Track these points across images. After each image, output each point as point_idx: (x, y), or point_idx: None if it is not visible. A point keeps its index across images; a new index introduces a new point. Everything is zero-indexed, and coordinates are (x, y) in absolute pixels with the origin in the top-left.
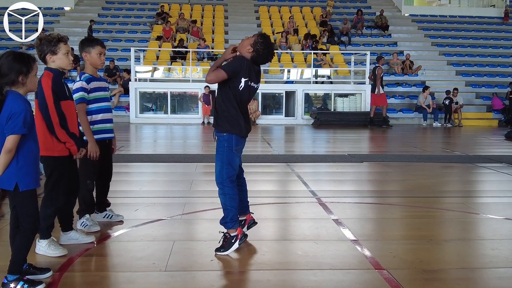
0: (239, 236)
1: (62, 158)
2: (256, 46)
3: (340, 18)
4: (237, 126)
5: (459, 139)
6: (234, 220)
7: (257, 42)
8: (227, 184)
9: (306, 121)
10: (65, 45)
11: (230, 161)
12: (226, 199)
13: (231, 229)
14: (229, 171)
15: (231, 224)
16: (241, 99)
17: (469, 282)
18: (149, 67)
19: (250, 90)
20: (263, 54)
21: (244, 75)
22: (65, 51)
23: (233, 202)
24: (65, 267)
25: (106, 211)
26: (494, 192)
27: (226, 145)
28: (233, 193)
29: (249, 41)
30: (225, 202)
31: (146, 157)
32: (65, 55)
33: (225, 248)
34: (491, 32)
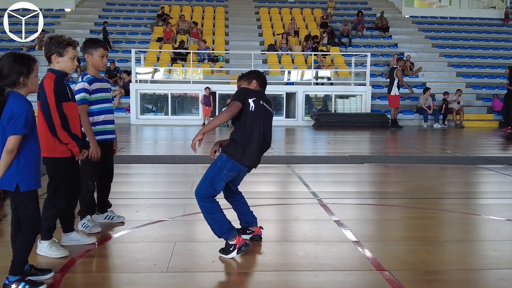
0: (237, 246)
1: (64, 159)
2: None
3: (340, 20)
4: (238, 152)
5: (460, 141)
6: (225, 232)
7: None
8: (201, 199)
9: (306, 123)
10: (74, 49)
11: (213, 182)
12: (205, 215)
13: (228, 239)
14: (208, 191)
15: (225, 236)
16: (255, 119)
17: (471, 283)
18: (150, 68)
19: (265, 112)
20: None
21: (250, 97)
22: (72, 55)
23: (212, 216)
24: (66, 268)
25: (107, 212)
26: (495, 194)
27: (219, 164)
28: (210, 208)
29: (243, 83)
30: (205, 218)
31: (146, 158)
32: (71, 59)
33: (224, 252)
34: (491, 34)
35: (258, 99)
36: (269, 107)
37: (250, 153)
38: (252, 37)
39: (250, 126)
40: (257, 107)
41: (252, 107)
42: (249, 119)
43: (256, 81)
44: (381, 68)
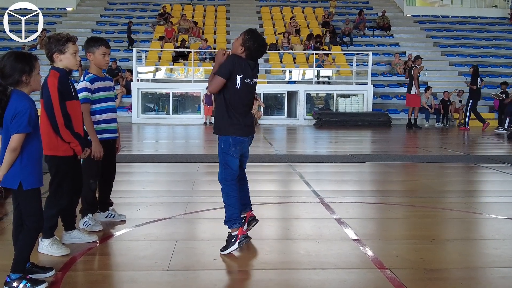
0: (239, 236)
1: (66, 158)
2: (246, 44)
3: (342, 19)
4: (232, 128)
5: (461, 139)
6: (233, 219)
7: (245, 40)
8: (224, 183)
9: (308, 122)
10: (73, 45)
11: (227, 163)
12: (224, 197)
13: (232, 228)
14: (227, 173)
15: (230, 224)
16: (240, 99)
17: (472, 282)
18: (151, 67)
19: (249, 88)
20: (255, 49)
21: (238, 72)
22: (73, 51)
23: (230, 199)
24: (67, 266)
25: (109, 210)
26: (497, 192)
27: (223, 146)
28: (231, 191)
29: (238, 42)
30: (224, 200)
31: (148, 157)
32: (73, 55)
33: (226, 248)
34: (493, 33)
35: (245, 76)
36: (253, 81)
37: (239, 126)
38: None
39: (233, 103)
40: (243, 85)
41: (238, 84)
42: (233, 97)
43: (245, 51)
44: (383, 67)
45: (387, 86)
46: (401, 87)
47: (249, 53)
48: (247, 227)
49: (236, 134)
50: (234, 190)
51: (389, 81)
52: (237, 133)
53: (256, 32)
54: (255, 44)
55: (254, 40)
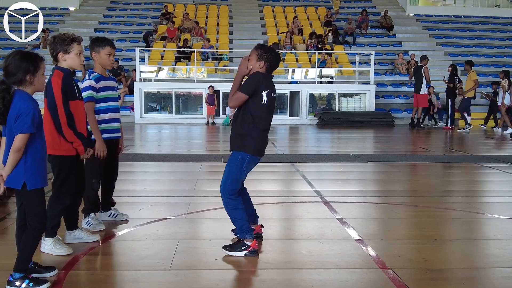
0: (251, 249)
1: (69, 157)
2: (263, 57)
3: (344, 18)
4: (255, 147)
5: (464, 139)
6: (244, 230)
7: (260, 54)
8: (229, 197)
9: (310, 121)
10: (78, 45)
11: (237, 178)
12: (230, 211)
13: (246, 239)
14: (232, 187)
15: (242, 234)
16: (268, 114)
17: (474, 282)
18: (154, 67)
19: (273, 102)
20: (274, 58)
21: (264, 88)
22: (77, 51)
23: (237, 213)
24: (70, 266)
25: (111, 210)
26: (500, 192)
27: (239, 160)
28: (236, 204)
29: (253, 58)
30: (230, 214)
31: (150, 157)
32: (77, 55)
33: (232, 249)
34: (496, 32)
35: (270, 91)
36: (275, 94)
37: (262, 144)
38: (256, 36)
39: (261, 119)
40: (269, 100)
41: (265, 100)
42: (261, 112)
43: (265, 64)
44: (385, 67)
45: (389, 86)
46: (404, 86)
47: (270, 64)
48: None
49: (256, 153)
50: (240, 203)
51: (392, 80)
52: (257, 153)
53: (265, 45)
54: (272, 53)
55: (269, 52)
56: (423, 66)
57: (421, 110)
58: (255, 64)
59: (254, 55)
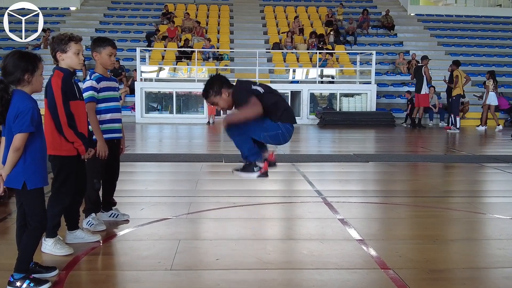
0: (262, 170)
1: (69, 157)
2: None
3: (346, 18)
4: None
5: (465, 139)
6: (254, 153)
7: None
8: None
9: (311, 121)
10: (76, 44)
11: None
12: (235, 137)
13: (256, 161)
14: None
15: (253, 157)
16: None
17: (475, 282)
18: (155, 67)
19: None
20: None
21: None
22: (75, 50)
23: (242, 137)
24: (71, 266)
25: (112, 210)
26: (501, 192)
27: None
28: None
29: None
30: (235, 140)
31: (151, 157)
32: (75, 54)
33: (245, 170)
34: (497, 32)
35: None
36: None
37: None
38: (257, 36)
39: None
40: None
41: (261, 90)
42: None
43: (225, 90)
44: (387, 67)
45: (390, 86)
46: (405, 86)
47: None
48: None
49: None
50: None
51: (393, 80)
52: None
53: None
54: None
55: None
56: (423, 66)
57: (422, 110)
58: (223, 99)
59: (216, 98)
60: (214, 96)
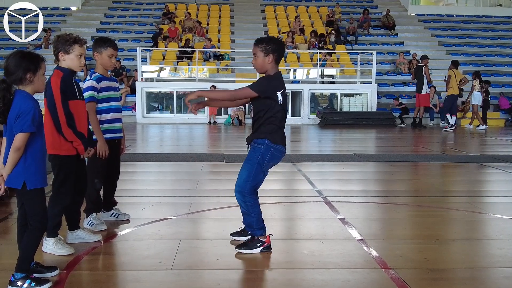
0: (265, 245)
1: (69, 157)
2: (269, 50)
3: (346, 18)
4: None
5: (466, 139)
6: (261, 228)
7: (265, 48)
8: (246, 195)
9: (312, 121)
10: (80, 47)
11: (256, 176)
12: (249, 209)
13: (260, 236)
14: (252, 185)
15: (259, 232)
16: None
17: (476, 282)
18: (156, 67)
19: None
20: (280, 47)
21: (278, 89)
22: (78, 53)
23: (255, 209)
24: (72, 266)
25: (113, 210)
26: (501, 192)
27: (260, 157)
28: (253, 201)
29: (260, 55)
30: (247, 211)
31: (152, 157)
32: (78, 57)
33: (248, 247)
34: (498, 32)
35: (284, 89)
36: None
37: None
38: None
39: (279, 118)
40: (283, 98)
41: (280, 99)
42: (278, 112)
43: (273, 56)
44: (387, 66)
45: (391, 85)
46: (406, 86)
47: (278, 54)
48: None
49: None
50: (256, 200)
51: (394, 80)
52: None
53: (264, 37)
54: (275, 42)
55: (272, 42)
56: (423, 65)
57: (423, 109)
58: (264, 60)
59: (259, 52)
60: (261, 50)
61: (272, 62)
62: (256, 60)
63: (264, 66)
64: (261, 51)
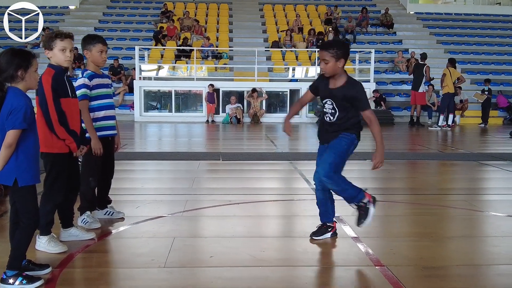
0: (371, 200)
1: (61, 155)
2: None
3: (345, 16)
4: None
5: (464, 137)
6: (359, 192)
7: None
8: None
9: (310, 120)
10: (62, 41)
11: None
12: (340, 185)
13: (362, 200)
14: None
15: (360, 196)
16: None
17: (469, 279)
18: (154, 65)
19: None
20: (347, 49)
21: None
22: (60, 47)
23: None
24: (65, 263)
25: (107, 208)
26: (498, 190)
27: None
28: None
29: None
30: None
31: (149, 155)
32: (61, 51)
33: (365, 215)
34: (496, 30)
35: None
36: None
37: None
38: (256, 34)
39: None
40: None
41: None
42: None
43: (344, 60)
44: (386, 65)
45: (389, 84)
46: (404, 84)
47: (347, 57)
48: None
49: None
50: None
51: (392, 78)
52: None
53: (330, 41)
54: (342, 45)
55: (340, 46)
56: (425, 64)
57: (419, 107)
58: (336, 64)
59: (329, 57)
60: (332, 56)
61: (342, 63)
62: (327, 65)
63: (335, 70)
64: (332, 56)
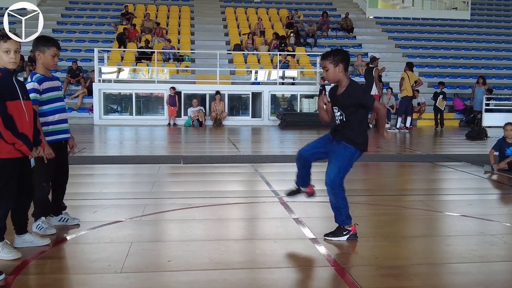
0: (351, 233)
1: (11, 160)
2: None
3: (306, 20)
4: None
5: (421, 139)
6: (349, 217)
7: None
8: (338, 188)
9: (272, 122)
10: (5, 42)
11: (345, 172)
12: (338, 201)
13: (346, 225)
14: (342, 181)
15: (348, 221)
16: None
17: (425, 278)
18: (114, 68)
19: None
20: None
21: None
22: (4, 49)
23: (343, 202)
24: (18, 270)
25: (62, 214)
26: (453, 190)
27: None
28: (343, 194)
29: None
30: (336, 203)
31: (109, 159)
32: (5, 53)
33: (335, 235)
34: (453, 34)
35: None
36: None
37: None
38: (218, 37)
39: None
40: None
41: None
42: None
43: (342, 65)
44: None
45: None
46: None
47: (346, 62)
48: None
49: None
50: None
51: None
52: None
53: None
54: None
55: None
56: (374, 67)
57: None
58: (335, 70)
59: (328, 64)
60: (331, 62)
61: (342, 71)
62: (328, 72)
63: (336, 76)
64: (330, 63)
